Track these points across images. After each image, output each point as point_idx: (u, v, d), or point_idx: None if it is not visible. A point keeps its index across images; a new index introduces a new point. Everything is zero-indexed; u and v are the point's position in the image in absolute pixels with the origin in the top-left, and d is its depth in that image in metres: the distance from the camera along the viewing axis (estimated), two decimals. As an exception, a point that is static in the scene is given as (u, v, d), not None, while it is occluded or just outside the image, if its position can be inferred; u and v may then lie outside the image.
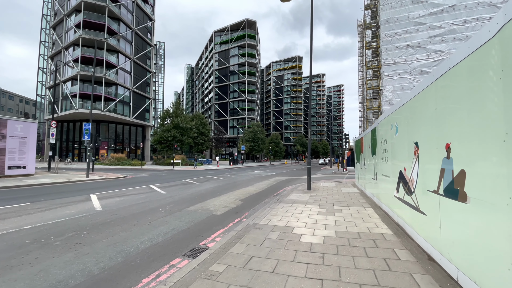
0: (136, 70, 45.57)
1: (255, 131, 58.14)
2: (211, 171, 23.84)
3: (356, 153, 12.00)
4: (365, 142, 9.10)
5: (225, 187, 11.93)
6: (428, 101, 3.43)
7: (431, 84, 3.32)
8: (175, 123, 36.67)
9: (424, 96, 3.61)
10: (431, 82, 3.33)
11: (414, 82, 30.88)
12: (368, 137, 8.51)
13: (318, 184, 12.88)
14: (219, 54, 75.54)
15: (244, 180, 15.12)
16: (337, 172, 23.44)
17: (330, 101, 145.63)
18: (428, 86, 3.42)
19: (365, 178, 9.42)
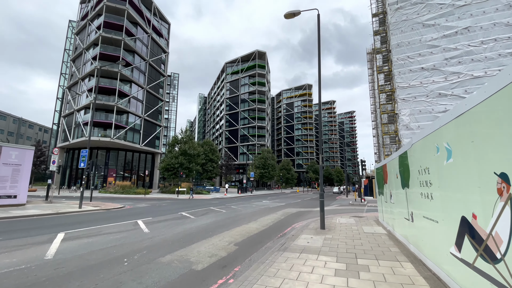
0: (148, 98, 46.53)
1: (265, 157, 56.62)
2: (215, 201, 22.12)
3: (378, 182, 10.15)
4: (391, 171, 7.37)
5: (223, 223, 10.22)
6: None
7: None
8: (183, 149, 35.94)
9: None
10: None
11: (432, 105, 29.10)
12: (394, 164, 6.83)
13: (334, 220, 10.92)
14: (230, 83, 77.41)
15: (248, 214, 13.32)
16: (354, 203, 21.08)
17: (342, 127, 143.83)
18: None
19: (393, 215, 7.53)
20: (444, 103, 28.40)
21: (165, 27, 55.04)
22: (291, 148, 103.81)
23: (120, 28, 40.33)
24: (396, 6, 31.94)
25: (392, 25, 31.91)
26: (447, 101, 28.35)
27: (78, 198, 21.70)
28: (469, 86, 28.08)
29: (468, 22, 29.34)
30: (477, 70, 28.28)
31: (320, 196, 8.70)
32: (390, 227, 8.19)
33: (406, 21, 31.40)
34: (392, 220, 7.74)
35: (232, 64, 79.36)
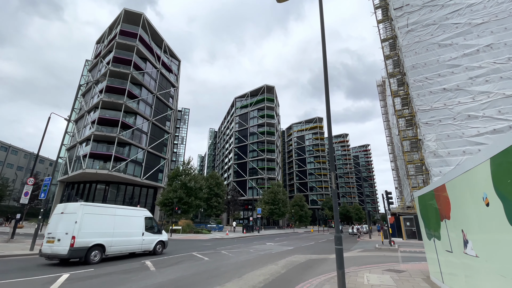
0: (154, 131, 45.52)
1: (275, 192, 52.28)
2: (207, 243, 18.34)
3: (425, 218, 6.61)
4: (465, 194, 4.06)
5: (186, 282, 6.78)
6: None
7: None
8: (183, 182, 33.08)
9: None
10: None
11: (462, 128, 25.40)
12: (478, 179, 3.59)
13: (360, 277, 7.19)
14: (239, 117, 77.04)
15: (235, 264, 9.71)
16: (382, 247, 16.67)
17: (357, 161, 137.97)
18: None
19: (475, 278, 4.00)
20: (476, 126, 24.70)
21: (175, 64, 56.65)
22: (304, 182, 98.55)
23: (129, 63, 41.13)
24: (407, 29, 30.46)
25: (404, 48, 30.07)
26: (479, 123, 24.68)
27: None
28: (503, 105, 24.56)
29: (490, 39, 26.97)
30: (508, 88, 24.96)
31: (336, 240, 5.32)
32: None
33: (419, 43, 29.53)
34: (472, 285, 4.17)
35: (241, 99, 79.95)
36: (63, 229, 9.09)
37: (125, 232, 10.75)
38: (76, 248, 8.78)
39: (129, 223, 11.13)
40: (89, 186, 40.24)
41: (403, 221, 26.31)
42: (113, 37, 43.16)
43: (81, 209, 9.46)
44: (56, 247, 8.81)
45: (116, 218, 10.66)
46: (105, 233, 9.91)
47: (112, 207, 11.18)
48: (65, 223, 9.24)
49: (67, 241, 8.75)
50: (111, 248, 9.95)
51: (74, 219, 9.15)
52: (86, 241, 9.12)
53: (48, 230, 9.55)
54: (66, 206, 10.07)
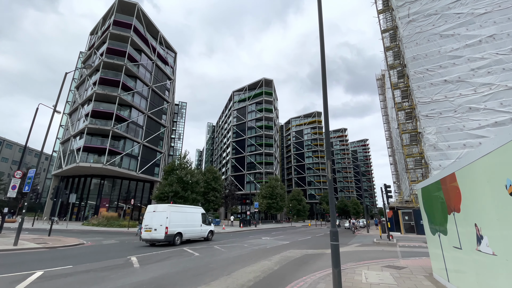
0: (149, 124, 44.75)
1: (273, 186, 51.94)
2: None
3: (430, 212, 6.08)
4: (482, 183, 3.51)
5: (171, 280, 6.27)
6: None
7: None
8: (178, 176, 32.54)
9: None
10: None
11: (463, 121, 24.86)
12: (488, 169, 3.04)
13: (358, 275, 6.70)
14: (237, 111, 76.16)
15: (226, 260, 9.23)
16: (380, 242, 16.27)
17: (356, 156, 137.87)
18: None
19: (490, 278, 3.49)
20: (477, 118, 24.17)
21: (171, 56, 55.52)
22: (302, 177, 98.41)
23: (123, 54, 40.08)
24: (408, 19, 29.61)
25: (405, 39, 29.28)
26: (481, 116, 24.13)
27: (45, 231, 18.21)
28: (505, 98, 23.98)
29: (493, 29, 26.22)
30: (511, 80, 24.42)
31: (332, 235, 4.79)
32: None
33: (421, 33, 28.74)
34: (485, 285, 3.66)
35: (239, 93, 78.95)
36: (157, 222, 13.10)
37: (192, 224, 15.15)
38: (168, 235, 12.93)
39: (193, 217, 15.50)
40: (84, 180, 39.69)
41: (401, 215, 25.99)
42: (107, 27, 42.00)
43: (168, 209, 13.72)
44: (154, 234, 12.90)
45: (187, 215, 15.01)
46: (182, 224, 14.13)
47: (184, 207, 16.03)
48: (158, 218, 13.22)
49: (162, 230, 12.87)
50: (185, 235, 14.24)
51: (165, 216, 13.22)
52: (173, 230, 13.31)
53: (144, 223, 13.54)
54: (156, 207, 14.24)
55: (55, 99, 13.64)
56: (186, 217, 14.71)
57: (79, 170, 36.45)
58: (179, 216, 14.19)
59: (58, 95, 13.96)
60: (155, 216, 13.44)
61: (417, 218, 24.56)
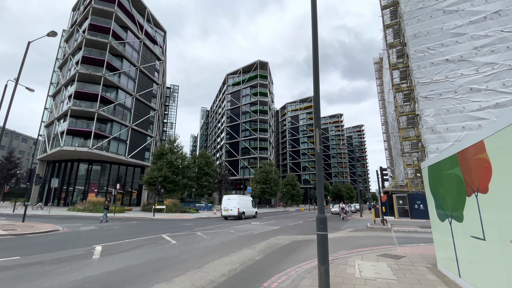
0: (138, 107, 42.91)
1: (267, 171, 51.35)
2: (187, 223, 17.04)
3: (439, 194, 5.05)
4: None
5: (129, 275, 5.27)
6: None
7: None
8: (168, 160, 31.40)
9: None
10: None
11: (463, 102, 23.85)
12: None
13: (350, 267, 5.77)
14: (231, 94, 74.08)
15: (205, 249, 8.29)
16: (374, 226, 15.60)
17: (351, 141, 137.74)
18: None
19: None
20: (477, 100, 23.17)
21: (161, 35, 52.67)
22: (297, 162, 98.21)
23: (107, 31, 37.52)
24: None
25: (407, 15, 27.57)
26: (482, 97, 23.12)
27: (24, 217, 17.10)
28: (508, 78, 22.90)
29: (498, 5, 24.67)
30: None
31: (318, 223, 3.74)
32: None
33: (423, 9, 27.04)
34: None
35: (233, 76, 76.50)
36: (232, 206, 21.82)
37: (248, 206, 24.19)
38: (239, 213, 21.61)
39: (248, 203, 24.63)
40: (71, 164, 38.25)
41: (395, 199, 25.50)
42: (89, 2, 39.06)
43: (238, 197, 22.54)
44: (230, 212, 21.64)
45: (246, 201, 24.07)
46: (243, 207, 22.76)
47: (244, 196, 25.62)
48: (232, 203, 21.92)
49: (236, 210, 21.56)
50: (246, 213, 23.09)
51: (237, 202, 21.97)
52: (241, 210, 22.05)
53: (223, 206, 22.24)
54: (230, 196, 22.80)
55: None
56: (245, 203, 23.85)
57: (64, 154, 34.94)
58: (243, 202, 23.08)
59: (20, 67, 12.39)
60: (230, 202, 22.29)
61: (412, 202, 24.09)
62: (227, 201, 22.27)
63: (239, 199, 22.39)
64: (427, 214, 19.26)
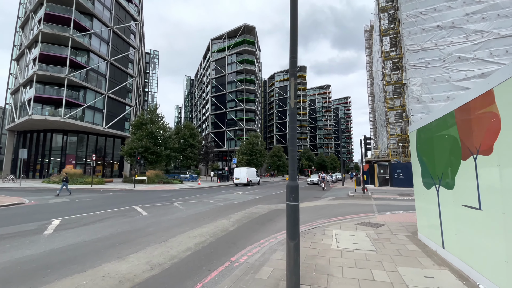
0: (114, 73, 39.82)
1: (253, 143, 50.98)
2: (167, 194, 16.55)
3: (428, 159, 4.53)
4: None
5: (77, 252, 4.64)
6: None
7: None
8: (149, 131, 29.99)
9: None
10: None
11: (450, 72, 23.49)
12: None
13: (327, 237, 5.41)
14: (216, 62, 70.35)
15: (176, 220, 7.79)
16: (355, 194, 15.77)
17: (337, 113, 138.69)
18: None
19: None
20: (464, 69, 22.83)
21: (136, -9, 47.40)
22: (284, 134, 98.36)
23: (72, -16, 33.03)
24: (407, -49, 25.63)
25: (401, -25, 25.71)
26: (469, 66, 22.77)
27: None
28: (495, 47, 22.47)
29: (496, -32, 23.37)
30: (504, 28, 22.53)
31: (289, 192, 3.15)
32: (463, 264, 2.69)
33: (419, -31, 25.24)
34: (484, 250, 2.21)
35: (218, 41, 71.98)
36: (242, 175, 27.21)
37: (253, 176, 29.73)
38: (247, 181, 26.96)
39: (253, 173, 30.41)
40: (44, 135, 35.90)
41: (376, 168, 26.00)
42: None
43: (246, 169, 28.20)
44: (240, 181, 27.14)
45: (252, 172, 29.89)
46: (250, 176, 28.31)
47: (251, 168, 32.27)
48: (242, 174, 27.29)
49: (245, 179, 26.91)
50: (252, 182, 28.64)
51: (246, 172, 27.40)
52: (249, 179, 27.34)
53: (235, 176, 27.84)
54: (240, 169, 28.26)
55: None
56: (252, 173, 29.62)
57: (34, 124, 32.51)
58: (250, 173, 28.60)
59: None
60: (240, 173, 27.67)
61: (392, 171, 24.65)
62: (238, 172, 27.82)
63: (247, 170, 28.08)
64: (406, 183, 19.71)
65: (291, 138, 3.24)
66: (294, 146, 3.20)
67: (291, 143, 3.23)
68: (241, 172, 27.57)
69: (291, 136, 3.24)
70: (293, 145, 3.22)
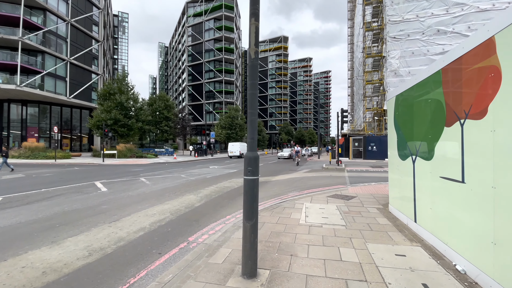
0: (76, 37, 35.57)
1: (233, 116, 49.89)
2: (137, 169, 15.70)
3: (405, 128, 4.15)
4: None
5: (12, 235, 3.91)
6: None
7: None
8: (118, 101, 27.85)
9: None
10: None
11: (428, 45, 23.46)
12: None
13: (297, 211, 5.10)
14: (192, 28, 65.37)
15: (137, 197, 7.18)
16: (329, 167, 15.91)
17: (317, 88, 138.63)
18: None
19: None
20: (442, 43, 22.82)
21: None
22: (264, 108, 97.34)
23: None
24: None
25: None
26: (446, 39, 22.76)
27: None
28: (474, 21, 22.49)
29: None
30: (484, 1, 22.56)
31: (246, 165, 2.58)
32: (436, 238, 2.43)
33: None
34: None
35: (194, 4, 66.30)
36: (235, 149, 32.20)
37: (244, 149, 32.00)
38: (240, 154, 31.65)
39: (244, 146, 32.34)
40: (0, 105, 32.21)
41: (352, 141, 26.52)
42: None
43: (239, 144, 32.87)
44: (234, 154, 31.91)
45: (244, 145, 33.35)
46: (243, 149, 32.35)
47: (243, 143, 35.84)
48: (235, 148, 32.31)
49: (238, 152, 31.77)
50: (243, 154, 26.01)
51: (239, 146, 32.34)
52: (241, 152, 32.05)
53: (229, 150, 32.74)
54: (233, 143, 33.27)
55: None
56: (243, 147, 32.75)
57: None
58: (242, 147, 32.47)
59: None
60: (234, 146, 32.35)
61: (366, 144, 25.26)
62: (232, 146, 32.55)
63: (240, 144, 32.51)
64: (379, 155, 20.26)
65: (251, 98, 2.61)
66: (254, 109, 2.59)
67: (251, 104, 2.61)
68: (235, 146, 32.45)
69: (250, 96, 2.61)
70: (253, 107, 2.60)
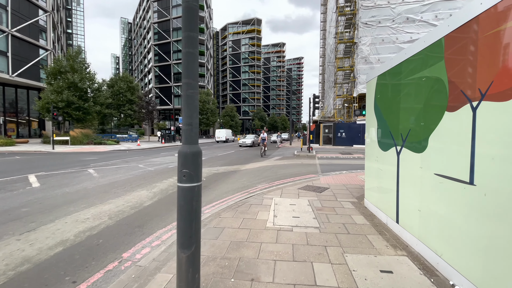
0: (19, 5, 30.36)
1: (203, 101, 47.84)
2: (91, 157, 14.00)
3: (388, 114, 3.58)
4: None
5: None
6: None
7: None
8: (71, 81, 24.69)
9: None
10: None
11: (397, 33, 23.77)
12: None
13: (264, 209, 4.42)
14: (158, 3, 60.07)
15: (77, 194, 6.04)
16: (300, 154, 15.61)
17: (290, 74, 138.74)
18: None
19: None
20: (410, 31, 23.23)
21: None
22: (237, 93, 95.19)
23: None
24: None
25: None
26: (414, 28, 23.21)
27: None
28: (441, 10, 23.08)
29: None
30: (452, -11, 23.25)
31: (181, 164, 1.73)
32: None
33: None
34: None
35: (159, -23, 60.63)
36: (222, 135, 35.74)
37: (229, 135, 37.90)
38: (227, 139, 36.42)
39: (229, 133, 38.71)
40: None
41: (322, 128, 26.68)
42: None
43: (225, 131, 37.04)
44: (221, 139, 35.36)
45: (229, 132, 38.68)
46: (229, 136, 37.54)
47: (228, 130, 40.47)
48: (222, 134, 35.85)
49: (224, 137, 35.72)
50: (229, 140, 37.11)
51: (225, 132, 36.29)
52: (227, 138, 36.75)
53: (216, 135, 36.08)
54: (220, 130, 36.78)
55: None
56: (228, 133, 36.93)
57: None
58: (227, 133, 36.30)
59: None
60: (220, 133, 35.60)
61: (336, 131, 25.52)
62: (219, 132, 35.79)
63: (225, 131, 36.07)
64: (347, 142, 20.47)
65: (188, 60, 1.72)
66: (193, 79, 1.72)
67: (188, 71, 1.73)
68: (221, 132, 35.67)
69: (187, 56, 1.72)
70: (190, 75, 1.72)
